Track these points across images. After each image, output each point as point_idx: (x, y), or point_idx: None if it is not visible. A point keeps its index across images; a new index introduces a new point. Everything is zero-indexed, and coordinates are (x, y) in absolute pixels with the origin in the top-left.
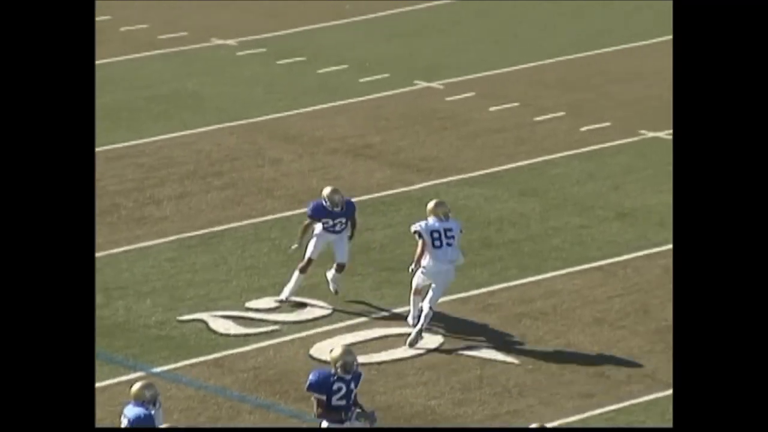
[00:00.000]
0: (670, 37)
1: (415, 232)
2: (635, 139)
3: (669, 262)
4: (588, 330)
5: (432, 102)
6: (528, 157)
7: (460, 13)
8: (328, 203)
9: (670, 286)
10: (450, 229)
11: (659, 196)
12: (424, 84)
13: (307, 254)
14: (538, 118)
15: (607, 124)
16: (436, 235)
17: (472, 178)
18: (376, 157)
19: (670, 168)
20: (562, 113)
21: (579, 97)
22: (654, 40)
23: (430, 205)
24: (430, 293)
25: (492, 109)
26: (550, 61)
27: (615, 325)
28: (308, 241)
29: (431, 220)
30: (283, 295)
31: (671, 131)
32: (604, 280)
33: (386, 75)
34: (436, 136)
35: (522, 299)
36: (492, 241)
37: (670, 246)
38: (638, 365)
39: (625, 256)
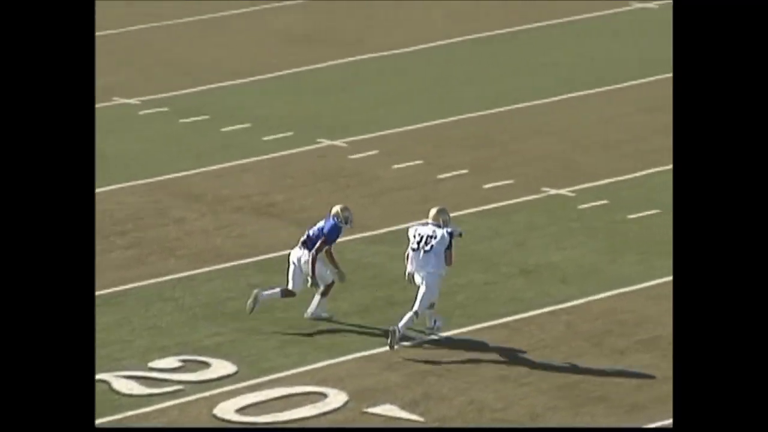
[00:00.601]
0: (573, 94)
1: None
2: (538, 196)
3: (572, 318)
4: (492, 386)
5: (336, 160)
6: None
7: (363, 71)
8: (342, 221)
9: (574, 342)
10: (433, 237)
11: (563, 253)
12: (328, 142)
13: (290, 285)
14: (441, 176)
15: (511, 181)
16: (418, 238)
17: (377, 236)
18: (280, 215)
19: (573, 225)
20: (465, 171)
21: (482, 155)
22: (557, 98)
23: (432, 210)
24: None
25: (395, 167)
26: (453, 118)
27: (519, 381)
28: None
29: (427, 225)
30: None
31: (574, 188)
32: (509, 337)
33: (290, 133)
34: (341, 194)
35: (427, 356)
36: (396, 299)
37: (574, 302)
38: (542, 422)
39: (530, 313)
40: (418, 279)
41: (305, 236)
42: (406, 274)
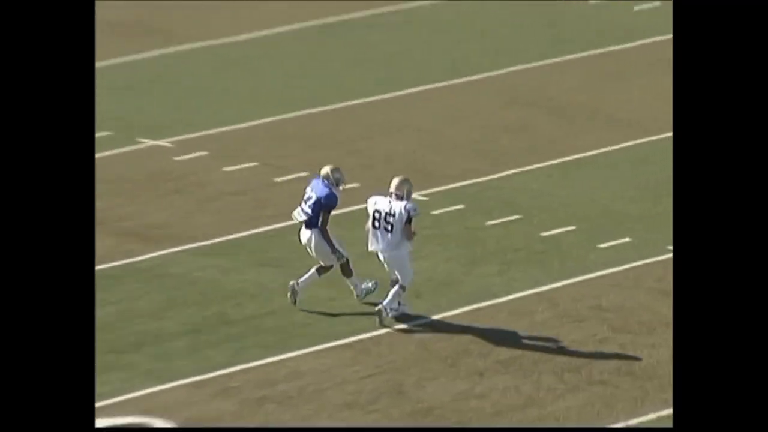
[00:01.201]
0: (423, 87)
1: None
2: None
3: (425, 337)
4: (338, 415)
5: (160, 162)
6: (269, 222)
7: (189, 63)
8: (333, 183)
9: (427, 363)
10: (391, 214)
11: (415, 264)
12: (150, 142)
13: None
14: (279, 179)
15: (356, 184)
16: (377, 215)
17: (207, 247)
18: (99, 223)
19: (427, 232)
20: (305, 173)
21: (324, 155)
22: (406, 91)
23: (395, 180)
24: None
25: (227, 169)
26: (292, 115)
27: (367, 408)
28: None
29: (387, 198)
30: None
31: (427, 192)
32: (355, 359)
33: (107, 133)
34: (165, 201)
35: (264, 381)
36: (230, 317)
37: (427, 319)
38: None
39: (378, 332)
40: (382, 258)
41: (306, 216)
42: (368, 249)
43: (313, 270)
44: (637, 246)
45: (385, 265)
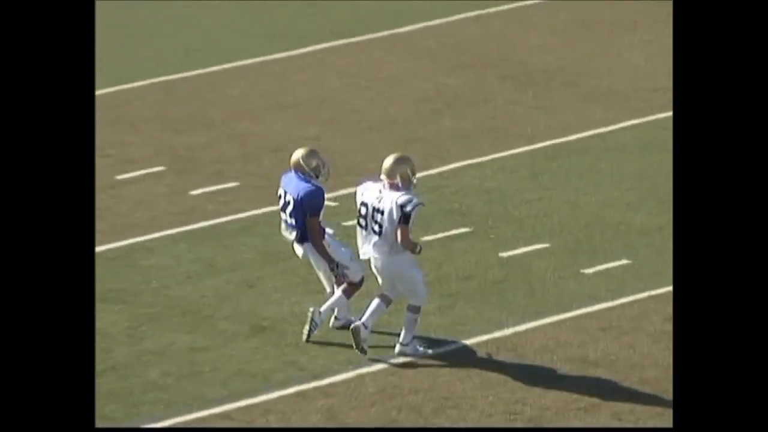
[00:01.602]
0: (321, 45)
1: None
2: (265, 210)
3: (332, 402)
4: None
5: None
6: (109, 239)
7: None
8: (312, 176)
9: None
10: (379, 210)
11: (317, 296)
12: None
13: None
14: (122, 176)
15: (235, 183)
16: (363, 210)
17: None
18: None
19: None
20: (161, 167)
21: (187, 142)
22: (309, 49)
23: (388, 160)
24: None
25: None
26: (140, 84)
27: None
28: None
29: (379, 186)
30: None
31: (337, 194)
32: None
33: None
34: None
35: None
36: None
37: (337, 377)
38: None
39: (267, 396)
40: (374, 267)
41: (295, 229)
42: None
43: (339, 292)
44: (638, 271)
45: (378, 279)
